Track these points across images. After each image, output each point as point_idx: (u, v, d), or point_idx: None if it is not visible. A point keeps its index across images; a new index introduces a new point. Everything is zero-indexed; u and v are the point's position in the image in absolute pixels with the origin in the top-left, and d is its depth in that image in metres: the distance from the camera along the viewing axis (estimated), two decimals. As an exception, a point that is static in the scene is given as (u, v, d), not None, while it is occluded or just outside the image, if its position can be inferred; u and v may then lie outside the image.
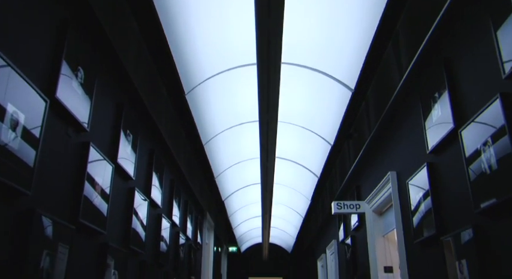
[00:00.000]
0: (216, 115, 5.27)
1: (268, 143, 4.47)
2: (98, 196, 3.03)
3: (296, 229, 11.09)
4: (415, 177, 3.54)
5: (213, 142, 5.81)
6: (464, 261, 2.67)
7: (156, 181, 4.68)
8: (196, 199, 7.16)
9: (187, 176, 6.09)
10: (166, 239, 5.15)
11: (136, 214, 3.94)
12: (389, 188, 4.33)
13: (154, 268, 4.60)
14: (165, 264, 5.05)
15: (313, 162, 6.63)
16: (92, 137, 2.97)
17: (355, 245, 6.11)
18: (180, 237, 5.98)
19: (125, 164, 3.61)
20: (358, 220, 5.77)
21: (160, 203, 4.84)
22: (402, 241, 3.97)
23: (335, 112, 4.87)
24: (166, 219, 5.12)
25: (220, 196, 8.20)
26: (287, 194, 8.51)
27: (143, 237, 4.15)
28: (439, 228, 3.08)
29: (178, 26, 3.71)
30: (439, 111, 3.00)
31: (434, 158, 3.21)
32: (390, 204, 4.73)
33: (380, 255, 5.01)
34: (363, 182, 5.64)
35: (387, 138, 4.44)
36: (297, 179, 7.59)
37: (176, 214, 5.74)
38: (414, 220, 3.57)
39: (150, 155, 4.51)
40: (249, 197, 8.70)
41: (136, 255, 4.04)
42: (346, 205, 5.36)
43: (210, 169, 6.72)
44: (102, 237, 3.17)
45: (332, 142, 5.57)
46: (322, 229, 9.18)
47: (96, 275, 3.08)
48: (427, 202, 3.27)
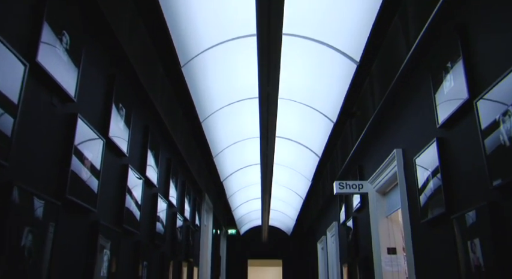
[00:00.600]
0: (214, 91, 5.06)
1: (268, 119, 4.28)
2: (88, 171, 2.85)
3: (296, 211, 10.96)
4: (423, 154, 3.36)
5: (211, 119, 5.61)
6: (477, 240, 2.50)
7: (151, 159, 4.50)
8: (194, 179, 7.00)
9: (185, 156, 5.91)
10: (163, 219, 5.00)
11: (130, 193, 3.76)
12: (394, 166, 4.16)
13: (150, 249, 4.45)
14: (161, 245, 4.90)
15: (315, 141, 6.45)
16: (80, 108, 2.78)
17: (357, 227, 5.97)
18: (178, 219, 5.83)
19: (117, 139, 3.42)
20: (361, 201, 5.62)
21: (156, 182, 4.67)
22: (408, 221, 3.80)
23: (338, 87, 4.67)
24: (162, 199, 4.95)
25: (219, 177, 8.03)
26: (287, 175, 8.35)
27: (138, 217, 3.99)
28: (449, 206, 2.91)
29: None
30: (452, 82, 2.80)
31: (445, 133, 3.02)
32: (395, 183, 4.56)
33: (383, 236, 4.86)
34: (365, 161, 5.46)
35: (393, 114, 4.25)
36: (297, 159, 7.42)
37: (173, 195, 5.58)
38: (421, 199, 3.40)
39: (144, 132, 4.33)
40: (248, 178, 8.53)
41: (131, 236, 3.88)
42: (348, 185, 5.19)
43: (208, 148, 6.53)
44: (93, 215, 3.00)
45: (334, 119, 5.37)
46: (323, 211, 9.04)
47: (87, 254, 2.91)
48: (436, 179, 3.10)
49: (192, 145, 6.40)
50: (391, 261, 4.76)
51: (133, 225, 3.84)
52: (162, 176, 5.05)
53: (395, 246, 4.83)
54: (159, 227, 4.83)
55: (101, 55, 3.15)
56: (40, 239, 2.21)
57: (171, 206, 5.48)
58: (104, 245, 3.15)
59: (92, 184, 2.92)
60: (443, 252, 3.06)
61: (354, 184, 5.21)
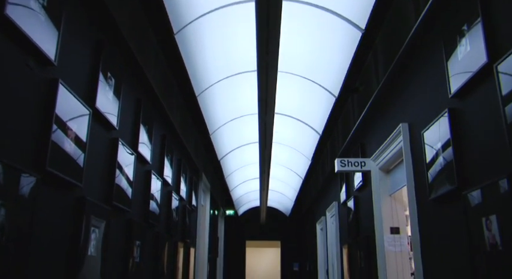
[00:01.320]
0: (211, 62, 4.81)
1: (267, 91, 4.05)
2: (72, 143, 2.63)
3: (295, 191, 10.79)
4: (432, 126, 3.14)
5: (208, 93, 5.38)
6: (493, 217, 2.30)
7: (144, 135, 4.28)
8: (190, 158, 6.79)
9: (180, 132, 5.69)
10: (157, 198, 4.80)
11: (120, 169, 3.55)
12: (399, 141, 3.95)
13: (144, 228, 4.26)
14: (156, 224, 4.72)
15: (315, 118, 6.22)
16: (62, 74, 2.54)
17: (358, 206, 5.79)
18: (173, 197, 5.64)
19: (106, 110, 3.19)
20: (362, 179, 5.42)
21: (149, 159, 4.46)
22: (413, 199, 3.61)
23: (341, 58, 4.43)
24: (156, 176, 4.75)
25: (216, 156, 7.81)
26: (286, 154, 8.14)
27: (130, 195, 3.79)
28: (461, 181, 2.70)
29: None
30: (468, 46, 2.57)
31: (458, 103, 2.80)
32: (399, 160, 4.36)
33: (386, 215, 4.68)
34: (368, 139, 5.25)
35: (399, 87, 4.02)
36: (297, 137, 7.21)
37: (168, 173, 5.38)
38: (429, 174, 3.20)
39: (136, 105, 4.10)
40: (246, 157, 8.32)
41: (122, 214, 3.68)
42: (350, 163, 4.99)
43: (205, 125, 6.31)
44: (79, 190, 2.79)
45: (337, 94, 5.14)
46: (322, 191, 8.87)
47: (72, 231, 2.71)
48: (446, 153, 2.89)
49: (187, 121, 6.17)
50: (394, 241, 4.59)
51: (124, 202, 3.64)
52: (156, 153, 4.84)
53: (399, 225, 4.65)
54: (153, 206, 4.64)
55: (86, 18, 2.90)
56: (16, 215, 2.01)
57: (166, 184, 5.29)
58: (92, 222, 2.95)
59: (77, 157, 2.70)
60: (453, 231, 2.87)
61: (356, 161, 5.01)
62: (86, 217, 2.85)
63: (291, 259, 13.69)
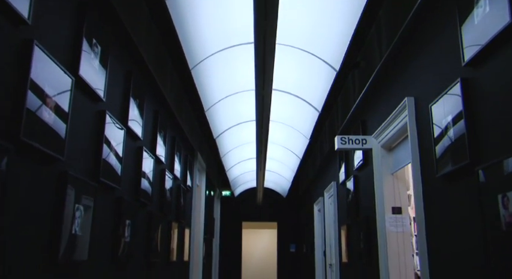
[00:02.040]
0: (205, 31, 4.54)
1: (264, 63, 3.82)
2: (51, 112, 2.41)
3: (292, 172, 10.61)
4: (441, 99, 2.93)
5: (203, 67, 5.13)
6: (511, 193, 2.11)
7: (134, 109, 4.05)
8: (185, 136, 6.58)
9: (174, 109, 5.46)
10: (149, 176, 4.60)
11: (108, 143, 3.34)
12: (404, 117, 3.74)
13: (135, 207, 4.07)
14: (148, 203, 4.52)
15: (314, 94, 6.00)
16: (38, 34, 2.30)
17: (358, 186, 5.61)
18: (167, 176, 5.44)
19: (91, 80, 2.96)
20: (363, 158, 5.23)
21: (141, 135, 4.24)
22: (419, 176, 3.42)
23: (343, 29, 4.19)
24: (148, 154, 4.54)
25: (212, 134, 7.59)
26: (284, 133, 7.93)
27: (119, 171, 3.58)
28: (473, 157, 2.50)
29: None
30: (486, 7, 2.34)
31: (472, 72, 2.59)
32: (403, 137, 4.16)
33: (388, 195, 4.49)
34: (369, 116, 5.04)
35: (404, 59, 3.79)
36: (295, 115, 6.99)
37: (161, 150, 5.16)
38: (437, 150, 3.00)
39: (126, 78, 3.86)
40: (243, 135, 8.11)
41: (111, 191, 3.48)
42: (351, 140, 4.79)
43: (200, 100, 6.07)
44: (60, 164, 2.58)
45: (337, 67, 4.90)
46: (321, 171, 8.69)
47: (54, 208, 2.51)
48: (457, 126, 2.68)
49: (182, 96, 5.93)
50: (396, 222, 4.42)
51: (113, 179, 3.43)
52: (148, 129, 4.62)
53: (401, 205, 4.48)
54: (145, 184, 4.44)
55: (67, -24, 2.65)
56: (-17, 188, 1.80)
57: (158, 162, 5.08)
58: (76, 198, 2.74)
59: (57, 127, 2.48)
60: (463, 209, 2.69)
61: (357, 139, 4.81)
62: (69, 193, 2.64)
63: (287, 240, 13.60)
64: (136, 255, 4.21)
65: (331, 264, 7.65)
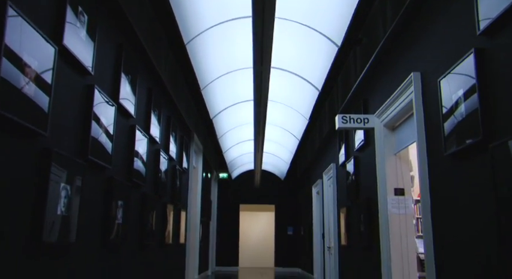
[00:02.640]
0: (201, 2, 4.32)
1: (263, 37, 3.62)
2: (31, 84, 2.22)
3: (291, 153, 10.45)
4: (452, 72, 2.75)
5: (198, 42, 4.92)
6: (530, 171, 1.94)
7: (126, 85, 3.86)
8: (181, 116, 6.39)
9: (169, 87, 5.26)
10: (143, 155, 4.42)
11: (98, 120, 3.15)
12: (409, 93, 3.56)
13: (127, 187, 3.90)
14: (141, 184, 4.36)
15: (314, 72, 5.80)
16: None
17: (359, 167, 5.45)
18: (161, 156, 5.27)
19: (77, 51, 2.77)
20: (364, 138, 5.06)
21: (133, 112, 4.05)
22: (424, 156, 3.25)
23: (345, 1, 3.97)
24: (142, 132, 4.36)
25: (208, 114, 7.40)
26: (283, 114, 7.74)
27: (109, 150, 3.40)
28: (487, 133, 2.33)
29: None
30: (505, -31, 2.14)
31: (487, 42, 2.40)
32: (407, 115, 3.99)
33: (390, 176, 4.34)
34: (371, 94, 4.86)
35: (410, 32, 3.59)
36: (294, 94, 6.79)
37: (156, 130, 4.98)
38: (446, 127, 2.82)
39: (117, 51, 3.66)
40: (240, 116, 7.92)
41: (100, 170, 3.31)
42: (352, 119, 4.61)
43: (196, 78, 5.86)
44: (43, 140, 2.40)
45: (339, 42, 4.70)
46: (320, 153, 8.53)
47: (37, 187, 2.34)
48: (470, 101, 2.51)
49: (177, 74, 5.72)
50: (398, 203, 4.27)
51: (103, 158, 3.26)
52: (141, 107, 4.43)
53: (403, 186, 4.32)
54: (138, 164, 4.27)
55: None
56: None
57: (153, 142, 4.90)
58: (61, 178, 2.57)
59: (39, 100, 2.30)
60: (473, 189, 2.52)
61: (359, 118, 4.63)
62: (54, 170, 2.47)
63: (285, 223, 13.52)
64: (130, 238, 4.06)
65: (330, 247, 7.55)
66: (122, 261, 3.88)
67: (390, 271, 4.16)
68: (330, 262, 7.58)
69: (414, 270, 4.17)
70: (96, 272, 3.25)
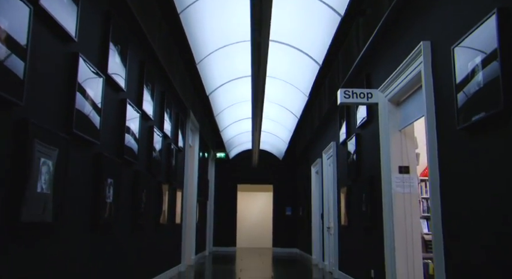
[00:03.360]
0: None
1: (262, 4, 3.36)
2: (7, 50, 1.99)
3: (289, 132, 10.23)
4: (468, 38, 2.51)
5: (193, 10, 4.65)
6: (561, 143, 1.73)
7: (115, 56, 3.62)
8: (176, 93, 6.15)
9: (163, 61, 5.01)
10: (135, 132, 4.20)
11: (83, 91, 2.92)
12: (418, 64, 3.33)
13: (118, 164, 3.69)
14: (134, 161, 4.15)
15: (315, 45, 5.55)
16: None
17: (360, 145, 5.24)
18: (155, 134, 5.05)
19: (55, 11, 2.51)
20: (367, 114, 4.84)
21: (123, 85, 3.82)
22: (433, 130, 3.04)
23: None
24: (133, 107, 4.13)
25: (204, 90, 7.14)
26: (282, 91, 7.49)
27: (97, 124, 3.18)
28: (509, 103, 2.11)
29: None
30: None
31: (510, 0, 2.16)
32: (414, 89, 3.77)
33: (395, 153, 4.13)
34: (375, 68, 4.62)
35: None
36: (294, 69, 6.54)
37: (149, 105, 4.75)
38: (460, 98, 2.60)
39: (104, 18, 3.40)
40: (238, 93, 7.66)
41: (87, 145, 3.09)
42: (355, 94, 4.38)
43: (191, 51, 5.60)
44: (19, 111, 2.18)
45: (342, 12, 4.44)
46: (319, 131, 8.31)
47: (13, 161, 2.13)
48: (489, 68, 2.28)
49: (171, 47, 5.45)
50: (403, 182, 4.08)
51: (90, 132, 3.04)
52: (132, 80, 4.19)
53: (408, 164, 4.12)
54: (130, 141, 4.05)
55: None
56: None
57: (146, 118, 4.68)
58: (42, 153, 2.35)
59: (15, 68, 2.07)
60: (490, 165, 2.32)
61: (362, 92, 4.40)
62: (33, 145, 2.25)
63: (283, 203, 13.39)
64: (122, 218, 3.87)
65: (329, 227, 7.39)
66: (114, 242, 3.70)
67: (394, 252, 3.99)
68: (329, 243, 7.44)
69: (419, 251, 4.01)
70: (85, 253, 3.06)
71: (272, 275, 7.00)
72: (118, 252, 3.83)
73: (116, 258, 3.76)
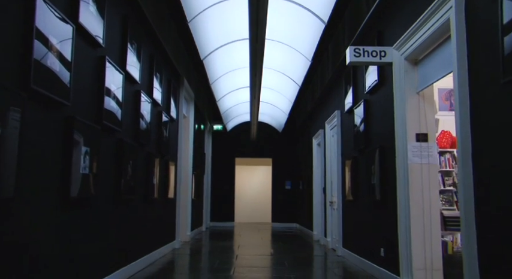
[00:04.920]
0: None
1: None
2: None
3: (290, 103, 9.70)
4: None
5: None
6: None
7: (90, 4, 3.07)
8: (168, 57, 5.63)
9: (151, 18, 4.47)
10: (117, 95, 3.70)
11: (46, 42, 2.40)
12: (445, 11, 2.81)
13: (96, 130, 3.20)
14: (115, 128, 3.65)
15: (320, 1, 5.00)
16: None
17: (369, 112, 4.76)
18: (143, 98, 4.54)
19: None
20: (378, 77, 4.34)
21: (102, 41, 3.29)
22: (466, 88, 2.56)
23: None
24: (114, 66, 3.61)
25: (199, 54, 6.59)
26: (282, 55, 6.92)
27: (67, 81, 2.67)
28: None
29: None
30: None
31: None
32: (436, 44, 3.27)
33: (411, 119, 3.65)
34: (388, 24, 4.10)
35: None
36: (294, 30, 5.98)
37: (134, 66, 4.23)
38: (507, 43, 2.10)
39: (74, -44, 2.86)
40: (235, 58, 7.10)
41: (56, 107, 2.58)
42: (366, 52, 3.88)
43: (181, 7, 5.03)
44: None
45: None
46: (322, 100, 7.78)
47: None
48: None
49: (159, 2, 4.88)
50: (420, 151, 3.61)
51: (58, 92, 2.52)
52: (113, 35, 3.67)
53: (427, 131, 3.65)
54: (110, 104, 3.55)
55: None
56: None
57: (131, 81, 4.17)
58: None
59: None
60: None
61: (374, 50, 3.90)
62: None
63: (283, 177, 12.97)
64: (100, 191, 3.40)
65: (332, 202, 6.97)
66: (92, 219, 3.24)
67: (409, 230, 3.55)
68: (331, 218, 7.03)
69: (437, 229, 3.57)
70: (52, 232, 2.61)
71: (272, 251, 6.62)
72: (98, 231, 3.38)
73: (95, 238, 3.32)
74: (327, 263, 5.55)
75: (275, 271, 4.78)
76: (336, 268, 5.04)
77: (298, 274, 4.49)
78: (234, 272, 4.62)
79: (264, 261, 5.56)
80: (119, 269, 3.89)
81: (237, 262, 5.34)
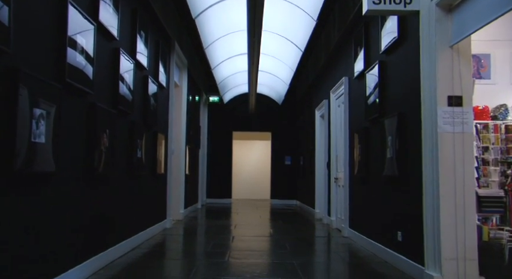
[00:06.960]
0: None
1: None
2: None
3: (291, 71, 9.02)
4: None
5: None
6: None
7: None
8: (155, 13, 4.95)
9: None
10: (87, 49, 3.03)
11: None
12: None
13: (61, 94, 2.56)
14: (86, 90, 3.00)
15: None
16: None
17: (386, 74, 4.12)
18: (122, 57, 3.88)
19: None
20: (398, 32, 3.69)
21: None
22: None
23: None
24: (82, 15, 2.94)
25: (191, 14, 5.89)
26: (284, 16, 6.21)
27: (5, 23, 2.02)
28: None
29: None
30: None
31: None
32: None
33: (443, 78, 3.02)
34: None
35: None
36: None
37: (110, 20, 3.56)
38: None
39: None
40: (231, 19, 6.39)
41: None
42: (387, -2, 3.21)
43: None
44: None
45: None
46: (327, 66, 7.09)
47: None
48: None
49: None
50: (453, 118, 3.00)
51: None
52: (79, -25, 2.99)
53: (461, 94, 3.02)
54: (77, 59, 2.88)
55: None
56: None
57: (106, 36, 3.50)
58: None
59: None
60: None
61: (398, -4, 3.24)
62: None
63: (282, 153, 12.38)
64: (70, 166, 2.79)
65: (337, 178, 6.39)
66: (61, 199, 2.64)
67: (437, 211, 2.96)
68: (337, 195, 6.45)
69: (472, 211, 2.98)
70: None
71: (271, 231, 6.07)
72: (65, 213, 2.78)
73: (58, 221, 2.72)
74: (333, 245, 4.99)
75: (275, 255, 4.22)
76: (342, 252, 4.49)
77: (301, 260, 3.93)
78: (229, 257, 4.06)
79: (262, 244, 5.01)
80: (93, 256, 3.30)
81: (233, 245, 4.79)
